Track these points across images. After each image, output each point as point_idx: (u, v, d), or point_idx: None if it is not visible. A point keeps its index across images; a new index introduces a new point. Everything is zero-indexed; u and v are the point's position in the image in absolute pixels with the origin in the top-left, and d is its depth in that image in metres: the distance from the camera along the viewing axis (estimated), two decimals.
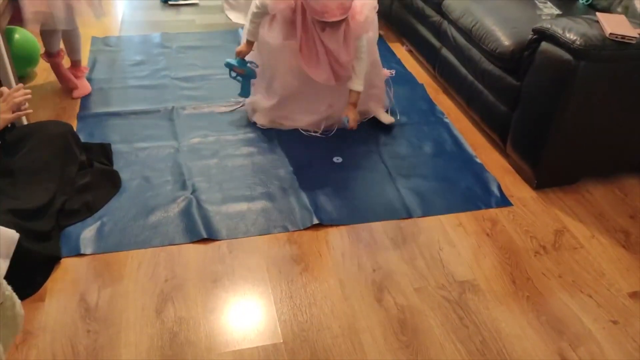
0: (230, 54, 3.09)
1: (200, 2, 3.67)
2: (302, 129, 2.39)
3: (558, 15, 2.22)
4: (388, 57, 3.06)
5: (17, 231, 1.32)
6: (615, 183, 2.20)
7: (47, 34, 2.44)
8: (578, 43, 1.79)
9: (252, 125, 2.43)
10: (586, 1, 2.50)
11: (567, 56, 1.84)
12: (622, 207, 2.09)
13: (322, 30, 2.05)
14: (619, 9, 2.36)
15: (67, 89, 2.58)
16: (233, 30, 3.30)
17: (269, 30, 2.23)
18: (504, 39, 2.14)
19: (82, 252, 1.76)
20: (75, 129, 2.23)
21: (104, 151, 2.21)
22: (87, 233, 1.83)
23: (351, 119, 2.26)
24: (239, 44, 3.15)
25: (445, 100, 2.73)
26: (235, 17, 3.42)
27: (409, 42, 3.14)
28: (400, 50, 3.20)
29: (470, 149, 2.36)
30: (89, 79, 2.70)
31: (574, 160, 2.10)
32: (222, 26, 3.37)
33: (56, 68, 2.55)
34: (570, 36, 1.82)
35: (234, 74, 2.38)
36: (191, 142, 2.31)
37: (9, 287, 1.16)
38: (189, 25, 3.37)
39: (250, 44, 2.30)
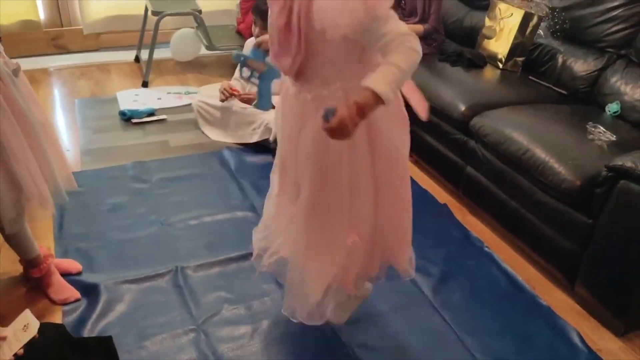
0: (217, 181, 2.67)
1: (168, 117, 3.22)
2: None
3: (614, 142, 2.05)
4: None
5: None
6: None
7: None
8: None
9: None
10: (614, 113, 2.39)
11: None
12: None
13: None
14: None
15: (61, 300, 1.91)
16: (215, 152, 2.89)
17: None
18: (567, 174, 1.93)
19: None
20: (61, 321, 1.76)
21: (105, 348, 1.71)
22: None
23: (337, 115, 1.21)
24: (228, 168, 2.78)
25: (475, 223, 2.47)
26: (214, 135, 3.03)
27: (413, 152, 2.90)
28: None
29: (528, 287, 2.09)
30: (60, 238, 2.20)
31: None
32: (201, 147, 2.94)
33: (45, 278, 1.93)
34: None
35: (246, 73, 1.65)
36: (214, 319, 1.86)
37: None
38: (163, 149, 2.92)
39: None
